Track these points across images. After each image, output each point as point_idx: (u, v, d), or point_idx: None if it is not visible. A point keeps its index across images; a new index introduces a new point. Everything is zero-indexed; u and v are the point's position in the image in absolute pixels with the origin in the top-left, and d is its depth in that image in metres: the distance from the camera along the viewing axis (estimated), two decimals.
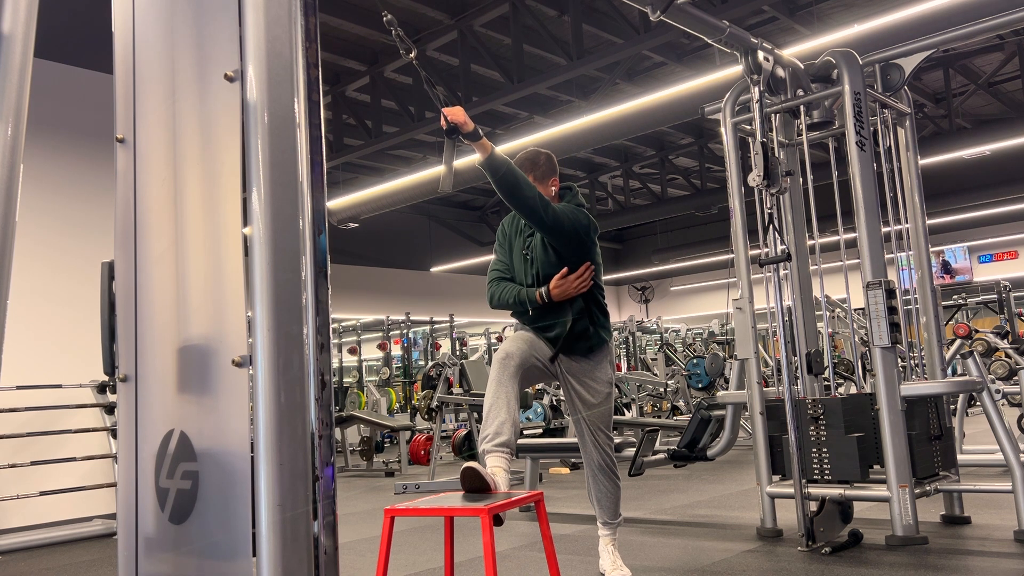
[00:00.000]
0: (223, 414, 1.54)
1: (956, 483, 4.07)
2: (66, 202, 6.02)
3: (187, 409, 1.64)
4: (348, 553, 4.30)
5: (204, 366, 1.60)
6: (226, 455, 1.54)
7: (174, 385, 1.69)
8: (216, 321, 1.58)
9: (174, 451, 1.65)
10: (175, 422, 1.66)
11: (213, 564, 1.55)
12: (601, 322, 3.39)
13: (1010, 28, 4.35)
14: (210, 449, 1.58)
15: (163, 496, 1.66)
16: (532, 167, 3.35)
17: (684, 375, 9.81)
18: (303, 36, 1.56)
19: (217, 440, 1.56)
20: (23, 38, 1.73)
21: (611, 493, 3.40)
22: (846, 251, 4.24)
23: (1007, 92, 11.99)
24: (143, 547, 1.72)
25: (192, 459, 1.60)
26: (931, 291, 4.47)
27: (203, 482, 1.58)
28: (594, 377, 3.35)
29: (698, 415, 4.82)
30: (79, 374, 5.72)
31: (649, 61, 9.76)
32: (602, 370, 3.37)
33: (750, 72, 4.08)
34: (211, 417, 1.58)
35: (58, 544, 5.16)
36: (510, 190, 3.03)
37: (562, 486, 6.67)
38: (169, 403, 1.69)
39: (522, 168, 3.29)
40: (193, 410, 1.63)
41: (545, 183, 3.35)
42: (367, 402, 12.00)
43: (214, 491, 1.56)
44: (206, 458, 1.58)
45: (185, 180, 1.70)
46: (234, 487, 1.51)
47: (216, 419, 1.56)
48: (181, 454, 1.63)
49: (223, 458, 1.54)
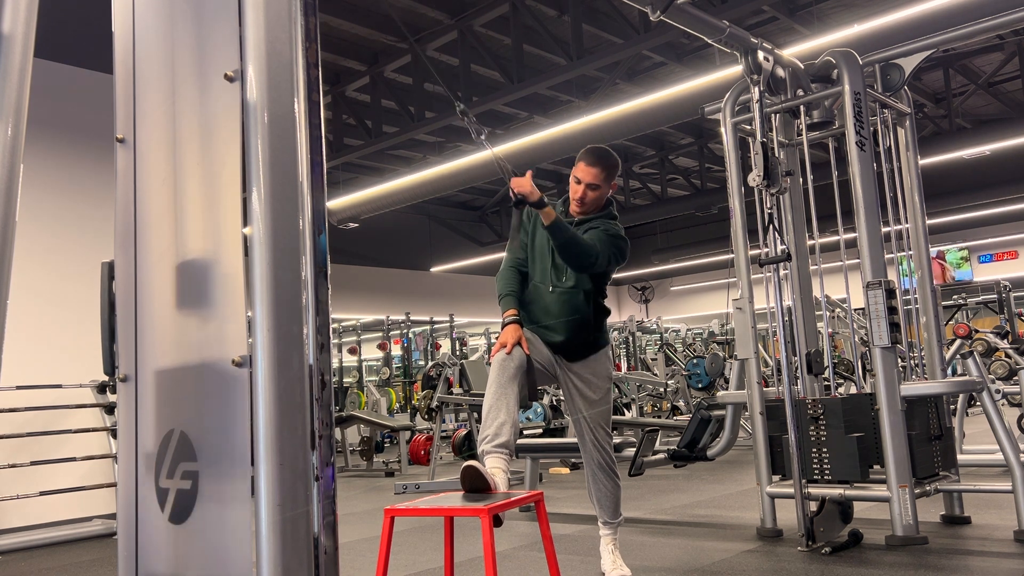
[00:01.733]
0: (223, 414, 1.54)
1: (956, 483, 4.07)
2: (66, 202, 6.02)
3: (187, 409, 1.64)
4: (348, 553, 4.30)
5: (204, 366, 1.60)
6: (226, 455, 1.53)
7: (174, 385, 1.69)
8: (216, 321, 1.58)
9: (174, 451, 1.65)
10: (175, 422, 1.66)
11: (213, 564, 1.55)
12: (603, 326, 3.41)
13: (1010, 28, 4.35)
14: (210, 449, 1.58)
15: (163, 496, 1.66)
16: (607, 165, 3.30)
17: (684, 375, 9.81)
18: (303, 36, 1.56)
19: (217, 440, 1.56)
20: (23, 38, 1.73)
21: (611, 492, 3.40)
22: (846, 251, 4.24)
23: (1007, 92, 11.98)
24: (143, 547, 1.72)
25: (192, 459, 1.60)
26: (931, 291, 4.47)
27: (203, 482, 1.58)
28: (595, 372, 3.36)
29: (698, 415, 4.82)
30: (79, 374, 5.72)
31: (649, 61, 9.76)
32: (602, 366, 3.38)
33: (750, 72, 4.08)
34: (211, 417, 1.58)
35: (58, 544, 5.16)
36: (571, 250, 3.13)
37: (562, 486, 6.67)
38: (169, 403, 1.69)
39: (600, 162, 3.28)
40: (193, 410, 1.63)
41: (608, 184, 3.34)
42: (367, 402, 11.99)
43: (214, 491, 1.56)
44: (206, 458, 1.58)
45: (185, 180, 1.70)
46: (234, 487, 1.51)
47: (216, 419, 1.56)
48: (181, 454, 1.63)
49: (223, 458, 1.54)
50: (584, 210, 3.35)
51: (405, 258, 16.31)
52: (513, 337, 3.14)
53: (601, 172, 3.28)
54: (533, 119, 11.17)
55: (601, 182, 3.29)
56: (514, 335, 3.15)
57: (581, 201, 3.32)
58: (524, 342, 3.17)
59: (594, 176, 3.28)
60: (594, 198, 3.33)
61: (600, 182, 3.29)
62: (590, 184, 3.29)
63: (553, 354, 3.34)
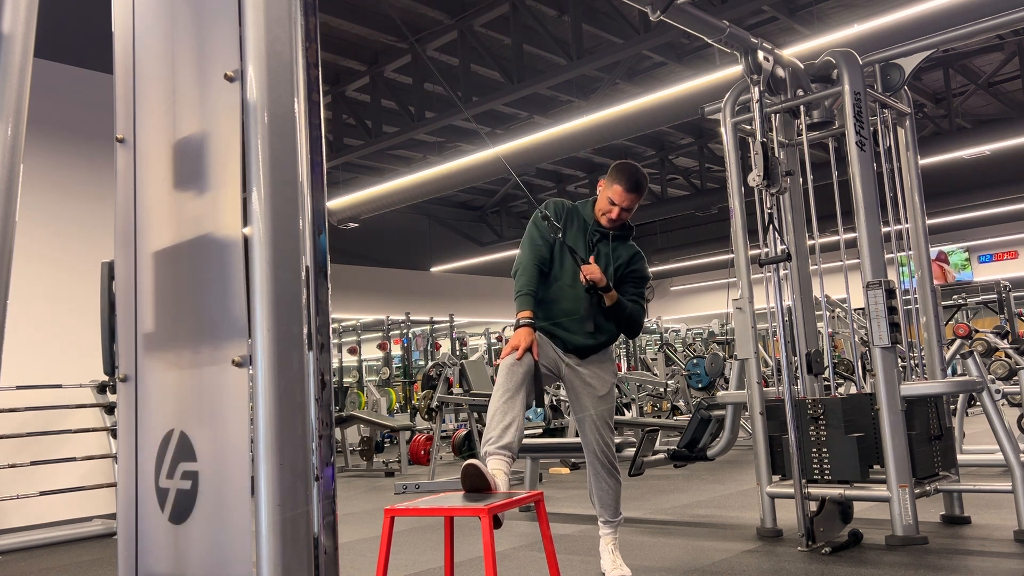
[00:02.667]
0: (223, 414, 1.54)
1: (956, 483, 4.07)
2: (66, 202, 6.02)
3: (187, 409, 1.64)
4: (348, 553, 4.30)
5: (204, 366, 1.60)
6: (226, 455, 1.53)
7: (174, 385, 1.69)
8: (216, 321, 1.58)
9: (174, 451, 1.65)
10: (175, 422, 1.66)
11: (213, 564, 1.55)
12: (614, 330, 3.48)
13: (1010, 28, 4.35)
14: (210, 449, 1.58)
15: (163, 496, 1.66)
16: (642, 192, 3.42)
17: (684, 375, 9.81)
18: (303, 36, 1.56)
19: (217, 440, 1.56)
20: (23, 38, 1.73)
21: (612, 490, 3.42)
22: (846, 251, 4.24)
23: (1007, 92, 11.98)
24: (143, 547, 1.72)
25: (192, 459, 1.60)
26: (931, 291, 4.47)
27: (203, 482, 1.58)
28: (602, 369, 3.42)
29: (698, 415, 4.82)
30: (79, 374, 5.72)
31: (649, 61, 9.76)
32: (609, 363, 3.47)
33: (750, 72, 4.08)
34: (211, 417, 1.58)
35: (58, 544, 5.16)
36: (629, 326, 3.45)
37: (562, 486, 6.67)
38: (169, 403, 1.69)
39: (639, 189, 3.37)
40: (193, 410, 1.63)
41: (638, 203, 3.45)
42: (367, 402, 11.99)
43: (214, 491, 1.56)
44: (206, 458, 1.58)
45: (185, 180, 1.70)
46: (234, 487, 1.51)
47: (216, 419, 1.56)
48: (181, 454, 1.63)
49: (223, 458, 1.54)
50: (614, 227, 3.45)
51: (405, 258, 16.31)
52: (526, 341, 3.16)
53: (637, 197, 3.39)
54: (533, 119, 11.17)
55: (634, 204, 3.41)
56: (527, 339, 3.17)
57: (614, 221, 3.42)
58: (536, 347, 3.19)
59: (632, 201, 3.38)
60: (626, 218, 3.46)
61: (634, 204, 3.41)
62: (625, 208, 3.39)
63: (565, 353, 3.37)
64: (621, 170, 3.38)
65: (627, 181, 3.36)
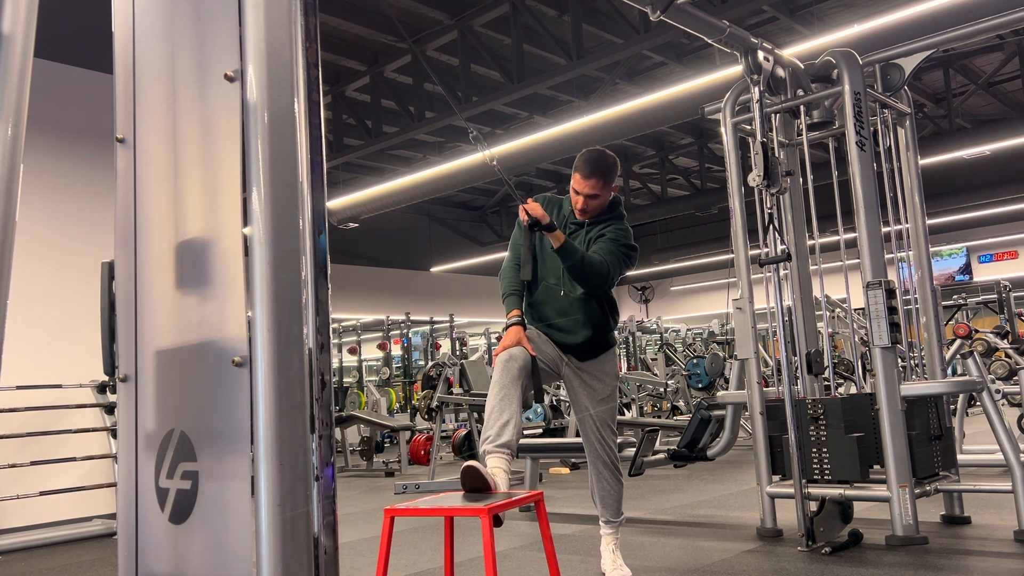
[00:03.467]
0: (223, 414, 1.54)
1: (956, 483, 4.07)
2: (66, 202, 6.02)
3: (187, 409, 1.64)
4: (348, 553, 4.30)
5: (204, 366, 1.60)
6: (226, 455, 1.53)
7: (174, 385, 1.69)
8: (216, 321, 1.58)
9: (174, 451, 1.65)
10: (175, 422, 1.66)
11: (213, 564, 1.55)
12: (614, 325, 3.43)
13: (1010, 28, 4.35)
14: (210, 449, 1.58)
15: (163, 496, 1.66)
16: (605, 174, 3.27)
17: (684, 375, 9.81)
18: (303, 36, 1.56)
19: (217, 440, 1.56)
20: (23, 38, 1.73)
21: (614, 490, 3.41)
22: (846, 251, 4.24)
23: (1007, 92, 11.98)
24: (143, 547, 1.72)
25: (192, 459, 1.60)
26: (931, 291, 4.47)
27: (203, 482, 1.58)
28: (604, 371, 3.38)
29: (698, 415, 4.81)
30: (79, 374, 5.72)
31: (649, 61, 9.76)
32: (611, 365, 3.41)
33: (750, 72, 4.08)
34: (211, 417, 1.58)
35: (58, 544, 5.16)
36: (582, 273, 3.17)
37: (562, 486, 6.67)
38: (169, 403, 1.69)
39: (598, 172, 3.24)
40: (193, 410, 1.63)
41: (608, 189, 3.31)
42: (367, 402, 12.00)
43: (214, 491, 1.56)
44: (206, 458, 1.58)
45: (185, 180, 1.70)
46: (234, 487, 1.51)
47: (216, 419, 1.56)
48: (181, 454, 1.63)
49: (223, 458, 1.54)
50: (588, 217, 3.34)
51: (405, 258, 16.31)
52: (515, 339, 3.14)
53: (598, 181, 3.25)
54: (533, 119, 11.16)
55: (600, 190, 3.26)
56: (515, 337, 3.15)
57: (583, 211, 3.31)
58: (527, 343, 3.16)
59: (591, 187, 3.25)
60: (596, 206, 3.30)
61: (599, 191, 3.26)
62: (589, 195, 3.26)
63: (563, 353, 3.35)
64: (580, 157, 3.29)
65: (584, 167, 3.24)
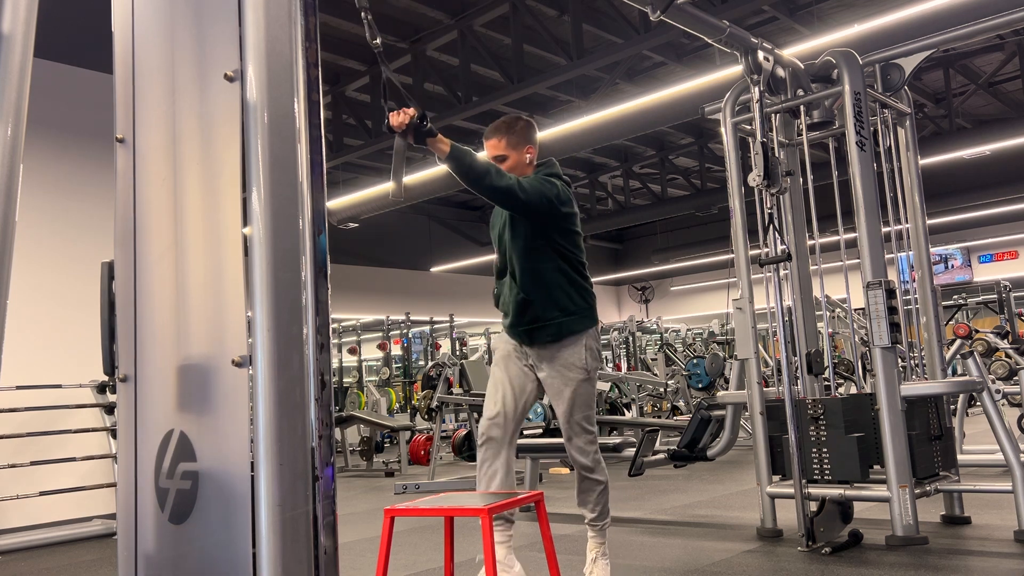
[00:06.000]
0: (223, 414, 1.54)
1: (956, 483, 4.07)
2: (66, 202, 6.02)
3: (187, 409, 1.64)
4: (348, 553, 4.30)
5: (204, 366, 1.60)
6: (226, 455, 1.53)
7: (174, 385, 1.69)
8: (216, 321, 1.58)
9: (174, 451, 1.64)
10: (175, 422, 1.66)
11: (213, 564, 1.55)
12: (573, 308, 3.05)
13: (1010, 28, 4.35)
14: (210, 449, 1.58)
15: (163, 496, 1.66)
16: (507, 130, 3.10)
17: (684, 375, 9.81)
18: (303, 36, 1.56)
19: (217, 440, 1.56)
20: (23, 38, 1.73)
21: (592, 489, 3.12)
22: (846, 251, 4.24)
23: (1007, 92, 11.98)
24: (143, 547, 1.72)
25: (192, 459, 1.60)
26: (931, 291, 4.47)
27: (203, 482, 1.58)
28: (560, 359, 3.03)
29: (698, 415, 4.82)
30: (79, 374, 5.72)
31: (649, 61, 9.75)
32: (570, 352, 3.04)
33: (750, 72, 4.08)
34: (211, 417, 1.58)
35: (58, 544, 5.16)
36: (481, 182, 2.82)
37: (562, 486, 6.67)
38: (169, 403, 1.69)
39: (496, 131, 3.11)
40: (193, 410, 1.63)
41: (519, 150, 3.10)
42: (367, 402, 11.99)
43: (214, 491, 1.56)
44: (206, 458, 1.58)
45: (185, 180, 1.70)
46: (234, 487, 1.51)
47: (216, 419, 1.56)
48: (181, 454, 1.63)
49: (223, 458, 1.54)
50: None
51: (405, 258, 16.31)
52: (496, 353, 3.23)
53: (499, 140, 3.09)
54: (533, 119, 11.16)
55: (505, 150, 3.08)
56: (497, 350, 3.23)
57: None
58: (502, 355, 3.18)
59: (494, 147, 3.09)
60: (509, 167, 3.07)
61: (503, 150, 3.08)
62: (495, 157, 3.09)
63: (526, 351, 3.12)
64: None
65: (488, 131, 3.11)
